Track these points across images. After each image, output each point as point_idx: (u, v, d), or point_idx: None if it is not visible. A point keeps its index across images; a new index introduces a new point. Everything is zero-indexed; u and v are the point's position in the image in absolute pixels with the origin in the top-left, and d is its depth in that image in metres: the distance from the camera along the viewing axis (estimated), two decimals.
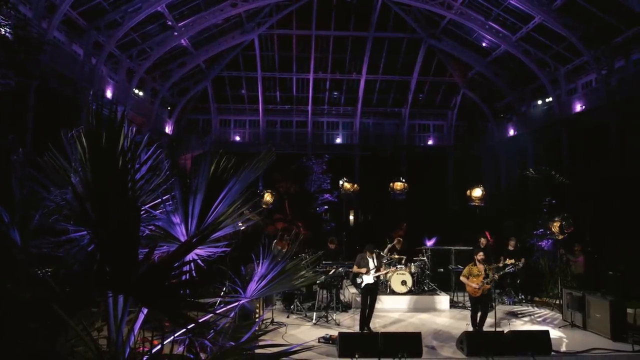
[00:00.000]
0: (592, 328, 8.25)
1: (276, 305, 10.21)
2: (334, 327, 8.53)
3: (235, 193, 3.05)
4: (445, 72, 29.96)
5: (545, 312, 10.22)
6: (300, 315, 9.44)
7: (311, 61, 29.04)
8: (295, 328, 8.49)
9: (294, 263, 3.69)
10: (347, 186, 13.23)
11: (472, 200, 12.85)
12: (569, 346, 7.35)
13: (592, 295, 8.39)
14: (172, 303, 2.33)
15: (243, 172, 3.01)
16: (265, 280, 3.56)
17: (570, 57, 22.45)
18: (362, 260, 9.05)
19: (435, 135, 33.65)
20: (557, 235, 11.03)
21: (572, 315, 8.73)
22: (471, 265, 8.19)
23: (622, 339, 7.62)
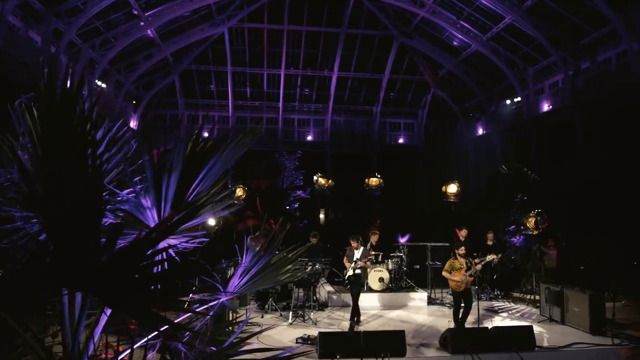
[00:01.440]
0: (571, 322, 8.22)
1: (249, 305, 9.75)
2: (312, 327, 8.16)
3: (217, 173, 2.64)
4: (417, 70, 30.11)
5: (522, 308, 10.20)
6: (276, 315, 9.02)
7: (283, 56, 28.57)
8: (272, 328, 8.07)
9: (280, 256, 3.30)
10: (321, 182, 12.89)
11: (447, 196, 12.75)
12: (549, 341, 7.26)
13: (570, 290, 8.37)
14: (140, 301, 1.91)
15: (226, 149, 2.59)
16: (249, 274, 3.15)
17: (538, 57, 22.91)
18: (349, 252, 8.92)
19: (406, 134, 33.81)
20: (532, 231, 11.06)
21: (551, 309, 8.70)
22: (452, 259, 8.00)
23: (601, 333, 7.60)
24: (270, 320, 8.71)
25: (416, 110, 33.18)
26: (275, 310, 9.20)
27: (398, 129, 33.88)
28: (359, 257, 8.61)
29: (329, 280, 11.49)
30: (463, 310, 7.91)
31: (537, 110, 23.44)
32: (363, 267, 8.69)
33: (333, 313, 9.39)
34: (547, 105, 23.01)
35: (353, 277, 8.47)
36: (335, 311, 9.55)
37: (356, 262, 8.52)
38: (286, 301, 9.81)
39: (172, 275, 2.46)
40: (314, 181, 12.80)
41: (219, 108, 31.76)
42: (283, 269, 3.32)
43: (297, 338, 7.13)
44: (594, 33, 19.29)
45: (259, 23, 26.73)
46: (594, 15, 18.29)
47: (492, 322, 7.80)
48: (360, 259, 8.58)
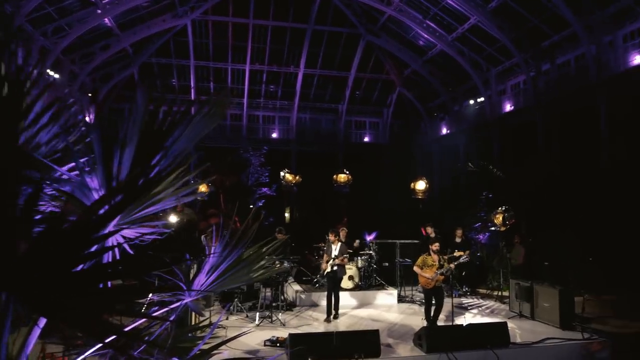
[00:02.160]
0: (541, 318, 8.22)
1: (214, 306, 9.23)
2: (280, 328, 7.76)
3: (182, 149, 2.22)
4: (383, 69, 30.18)
5: (491, 304, 10.19)
6: (241, 316, 8.56)
7: (248, 51, 27.92)
8: (236, 330, 7.60)
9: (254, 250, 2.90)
10: (289, 178, 12.49)
11: (415, 193, 12.64)
12: (522, 337, 7.18)
13: (540, 285, 8.37)
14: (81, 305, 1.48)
15: (193, 119, 2.18)
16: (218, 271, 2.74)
17: (501, 59, 23.38)
18: (328, 247, 8.66)
19: (371, 133, 33.87)
20: (500, 227, 11.09)
21: (520, 305, 8.68)
22: (425, 255, 7.80)
23: (570, 328, 7.61)
24: (236, 322, 8.24)
25: (381, 109, 33.29)
26: (240, 311, 8.74)
27: (364, 127, 33.89)
28: (337, 253, 8.36)
29: (297, 279, 11.12)
30: (434, 308, 7.73)
31: (499, 111, 23.94)
32: (340, 264, 8.41)
33: (302, 313, 9.02)
34: (509, 105, 23.55)
35: (331, 273, 8.29)
36: (304, 311, 9.19)
37: (334, 259, 8.26)
38: (252, 301, 9.36)
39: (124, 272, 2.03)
40: (281, 177, 12.39)
41: (181, 103, 30.64)
42: (256, 265, 2.92)
43: (265, 340, 6.72)
44: (554, 36, 19.83)
45: (224, 16, 25.98)
46: (555, 18, 18.79)
47: (464, 319, 7.66)
48: (337, 255, 8.31)
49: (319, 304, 9.66)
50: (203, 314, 4.04)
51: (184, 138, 2.15)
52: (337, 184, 13.23)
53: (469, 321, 7.41)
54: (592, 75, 17.61)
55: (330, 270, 8.37)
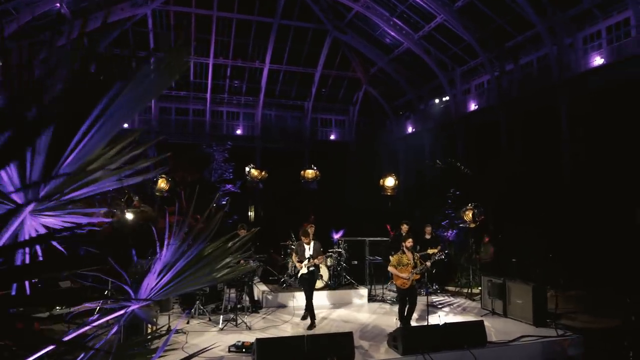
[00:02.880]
0: (513, 315, 8.07)
1: (173, 309, 8.58)
2: (246, 332, 7.24)
3: (122, 115, 1.72)
4: (349, 67, 29.99)
5: (462, 301, 10.02)
6: (204, 320, 7.96)
7: (211, 44, 27.04)
8: (198, 336, 7.03)
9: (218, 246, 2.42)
10: (254, 173, 11.94)
11: (384, 190, 12.36)
12: (496, 335, 6.98)
13: (512, 282, 8.23)
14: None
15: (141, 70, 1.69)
16: (173, 271, 2.24)
17: (466, 58, 23.62)
18: (299, 247, 8.03)
19: (337, 131, 33.65)
20: (470, 224, 10.97)
21: (493, 302, 8.52)
22: (399, 254, 7.48)
23: (544, 324, 7.49)
24: (198, 326, 7.64)
25: (347, 107, 33.12)
26: (203, 314, 8.14)
27: (330, 125, 33.62)
28: (312, 253, 7.84)
29: (263, 279, 10.59)
30: (408, 307, 7.42)
31: (464, 110, 24.20)
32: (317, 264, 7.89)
33: (269, 315, 8.51)
34: (474, 104, 23.84)
35: (307, 274, 7.72)
36: (272, 312, 8.68)
37: (309, 259, 7.73)
38: (215, 303, 8.78)
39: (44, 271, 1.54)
40: (246, 172, 11.82)
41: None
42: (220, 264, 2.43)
43: (230, 346, 6.19)
44: (518, 36, 20.17)
45: (186, 7, 25.05)
46: (519, 19, 19.09)
47: (438, 318, 7.39)
48: (313, 255, 7.81)
49: (287, 304, 9.20)
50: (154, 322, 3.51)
51: (128, 96, 1.65)
52: (305, 179, 12.78)
53: (442, 320, 7.13)
54: (554, 75, 17.98)
55: (306, 272, 7.74)
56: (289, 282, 9.93)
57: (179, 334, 6.99)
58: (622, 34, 16.26)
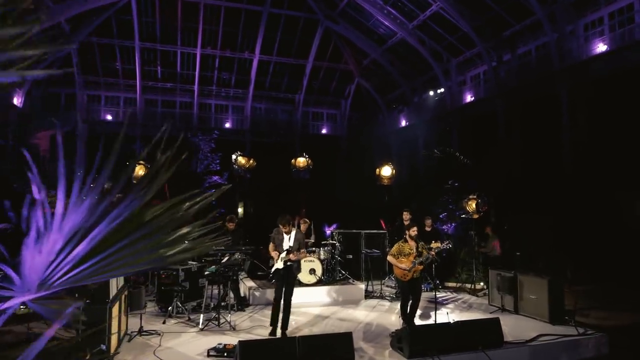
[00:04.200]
0: (526, 312, 7.35)
1: (148, 308, 7.73)
2: (229, 333, 6.42)
3: None
4: (341, 58, 29.15)
5: (466, 297, 9.29)
6: (182, 319, 7.11)
7: (199, 33, 26.05)
8: (174, 337, 6.19)
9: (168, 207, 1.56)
10: (241, 161, 11.10)
11: (380, 179, 11.61)
12: (510, 334, 6.24)
13: (525, 275, 7.50)
14: None
15: None
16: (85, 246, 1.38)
17: (462, 48, 22.94)
18: (276, 236, 6.70)
19: (329, 125, 32.84)
20: (473, 214, 10.25)
21: (503, 298, 7.79)
22: (401, 242, 6.71)
23: (561, 322, 6.77)
24: (175, 326, 6.80)
25: (339, 100, 32.32)
26: (182, 313, 7.29)
27: (321, 119, 32.80)
28: (292, 244, 6.54)
29: (250, 274, 9.74)
30: (411, 303, 6.67)
31: (459, 101, 23.55)
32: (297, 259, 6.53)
33: (256, 314, 7.69)
34: (470, 96, 23.19)
35: (283, 270, 6.41)
36: (259, 311, 7.85)
37: (288, 252, 6.46)
38: (197, 301, 7.93)
39: None
40: (233, 161, 10.96)
41: (126, 88, 28.33)
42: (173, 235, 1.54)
43: (209, 349, 5.37)
44: (516, 25, 19.51)
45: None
46: (518, 7, 18.43)
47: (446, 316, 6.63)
48: (293, 247, 6.50)
49: None
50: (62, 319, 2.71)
51: None
52: (296, 169, 11.96)
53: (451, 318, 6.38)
54: (554, 64, 17.36)
55: (281, 267, 6.42)
56: None
57: (151, 336, 6.14)
58: (625, 19, 15.66)
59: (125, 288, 6.15)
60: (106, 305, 4.91)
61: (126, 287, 6.18)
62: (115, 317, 5.31)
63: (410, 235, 6.64)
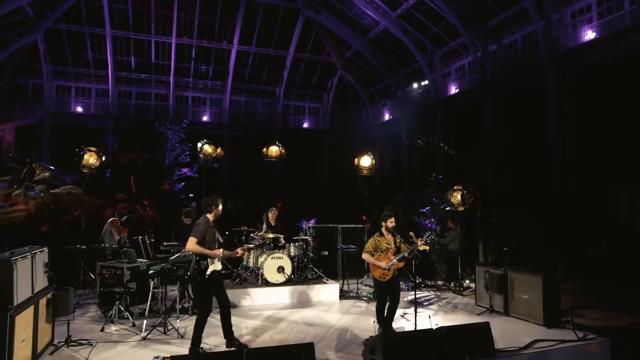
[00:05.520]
0: (518, 313, 6.56)
1: (89, 312, 6.73)
2: (175, 342, 5.48)
3: None
4: (323, 50, 28.25)
5: (452, 297, 8.47)
6: (126, 325, 6.13)
7: (173, 22, 24.87)
8: (108, 348, 5.22)
9: None
10: (208, 150, 10.11)
11: (360, 170, 10.74)
12: (502, 340, 5.42)
13: (516, 273, 6.71)
14: None
15: None
16: None
17: (446, 39, 22.24)
18: (206, 229, 5.16)
19: (311, 119, 31.93)
20: (458, 207, 9.45)
21: (491, 298, 6.99)
22: (376, 236, 5.85)
23: (557, 324, 5.99)
24: (115, 334, 5.82)
25: (322, 94, 31.43)
26: (125, 318, 6.31)
27: (303, 112, 31.86)
28: (220, 238, 5.32)
29: None
30: (389, 306, 5.81)
31: (444, 93, 22.88)
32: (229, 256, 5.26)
33: (212, 318, 6.65)
34: (455, 88, 22.53)
35: (218, 274, 5.26)
36: (216, 315, 6.87)
37: (223, 250, 5.19)
38: (148, 304, 6.94)
39: None
40: (199, 149, 9.99)
41: (97, 79, 26.99)
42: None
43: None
44: (501, 14, 18.87)
45: None
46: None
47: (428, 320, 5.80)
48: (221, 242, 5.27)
49: (239, 304, 7.45)
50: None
51: None
52: (268, 158, 11.02)
53: (434, 322, 5.55)
54: (541, 53, 16.74)
55: (220, 268, 5.29)
56: (243, 276, 8.18)
57: (81, 347, 5.16)
58: (614, 5, 15.08)
59: (49, 290, 5.16)
60: (6, 313, 3.93)
61: (50, 289, 5.19)
62: (25, 327, 4.33)
63: (387, 228, 5.78)
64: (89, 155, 8.81)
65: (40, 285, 4.93)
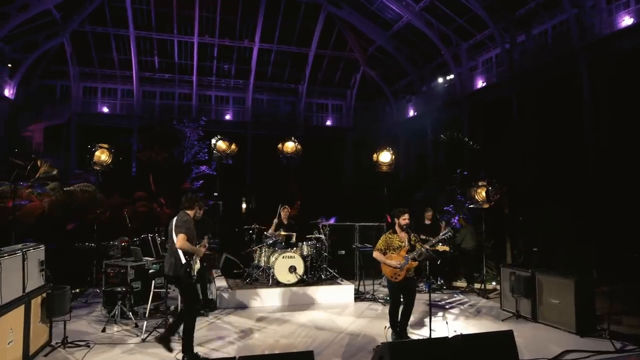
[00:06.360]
0: (547, 319, 6.00)
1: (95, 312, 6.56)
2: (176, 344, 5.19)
3: None
4: (345, 46, 27.79)
5: (476, 300, 7.92)
6: (128, 326, 5.92)
7: (195, 21, 24.90)
8: (105, 351, 4.99)
9: None
10: (222, 146, 9.88)
11: (379, 166, 10.31)
12: (528, 349, 4.92)
13: (545, 275, 6.14)
14: None
15: None
16: None
17: (472, 31, 21.44)
18: (192, 226, 4.85)
19: (334, 116, 31.52)
20: (483, 204, 8.89)
21: (518, 302, 6.44)
22: (389, 233, 5.43)
23: (592, 333, 5.42)
24: (116, 335, 5.60)
25: (345, 91, 30.97)
26: (129, 318, 6.09)
27: (326, 110, 31.49)
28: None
29: (226, 272, 8.50)
30: (403, 309, 5.38)
31: (470, 88, 22.07)
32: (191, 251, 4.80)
33: (219, 320, 6.44)
34: (481, 81, 21.69)
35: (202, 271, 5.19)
36: (225, 316, 6.61)
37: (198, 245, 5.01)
38: (154, 304, 6.72)
39: None
40: (212, 146, 9.77)
41: (123, 80, 27.38)
42: None
43: None
44: (531, 2, 17.98)
45: None
46: None
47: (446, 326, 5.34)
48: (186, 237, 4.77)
49: (248, 305, 7.14)
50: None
51: None
52: (284, 154, 10.70)
53: (452, 328, 5.09)
54: (574, 42, 15.82)
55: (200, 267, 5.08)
56: (254, 275, 7.87)
57: (77, 349, 4.95)
58: None
59: (45, 289, 4.97)
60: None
61: (46, 287, 4.99)
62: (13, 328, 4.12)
63: (400, 225, 5.35)
64: (100, 152, 8.71)
65: (33, 285, 4.73)
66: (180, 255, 4.72)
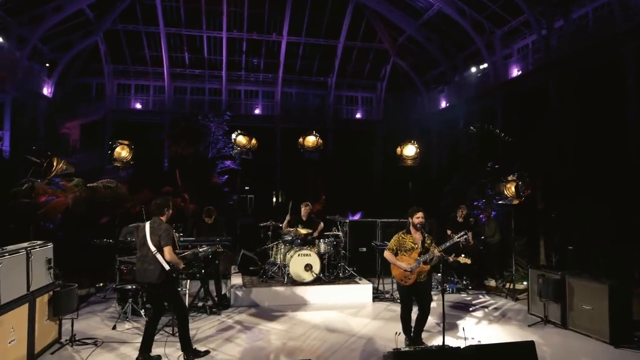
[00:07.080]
0: (578, 326, 5.54)
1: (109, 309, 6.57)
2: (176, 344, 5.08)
3: None
4: (375, 37, 27.20)
5: (503, 302, 7.47)
6: (139, 324, 5.88)
7: (223, 16, 24.97)
8: (112, 349, 4.95)
9: None
10: (242, 141, 9.74)
11: (403, 160, 9.90)
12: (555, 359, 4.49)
13: (576, 278, 5.66)
14: None
15: None
16: None
17: (506, 17, 20.44)
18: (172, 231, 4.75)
19: (364, 109, 31.04)
20: (513, 200, 8.37)
21: (546, 307, 5.99)
22: (402, 233, 5.10)
23: (628, 343, 4.93)
24: (126, 333, 5.57)
25: (375, 83, 30.42)
26: (139, 315, 6.05)
27: (355, 103, 31.04)
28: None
29: (242, 269, 8.38)
30: (417, 316, 5.05)
31: (505, 76, 21.11)
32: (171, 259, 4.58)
33: (230, 318, 6.30)
34: (517, 70, 20.69)
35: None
36: (237, 315, 6.48)
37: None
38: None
39: None
40: (232, 141, 9.66)
41: (154, 76, 27.90)
42: None
43: None
44: None
45: None
46: None
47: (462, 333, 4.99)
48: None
49: (262, 303, 6.99)
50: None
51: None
52: (305, 149, 10.45)
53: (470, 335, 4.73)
54: (618, 25, 14.78)
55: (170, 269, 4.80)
56: (270, 273, 7.72)
57: (84, 347, 4.92)
58: None
59: (53, 287, 4.96)
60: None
61: (54, 286, 4.99)
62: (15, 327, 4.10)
63: (414, 225, 5.01)
64: (120, 148, 8.76)
65: (39, 283, 4.72)
66: (163, 262, 4.54)
